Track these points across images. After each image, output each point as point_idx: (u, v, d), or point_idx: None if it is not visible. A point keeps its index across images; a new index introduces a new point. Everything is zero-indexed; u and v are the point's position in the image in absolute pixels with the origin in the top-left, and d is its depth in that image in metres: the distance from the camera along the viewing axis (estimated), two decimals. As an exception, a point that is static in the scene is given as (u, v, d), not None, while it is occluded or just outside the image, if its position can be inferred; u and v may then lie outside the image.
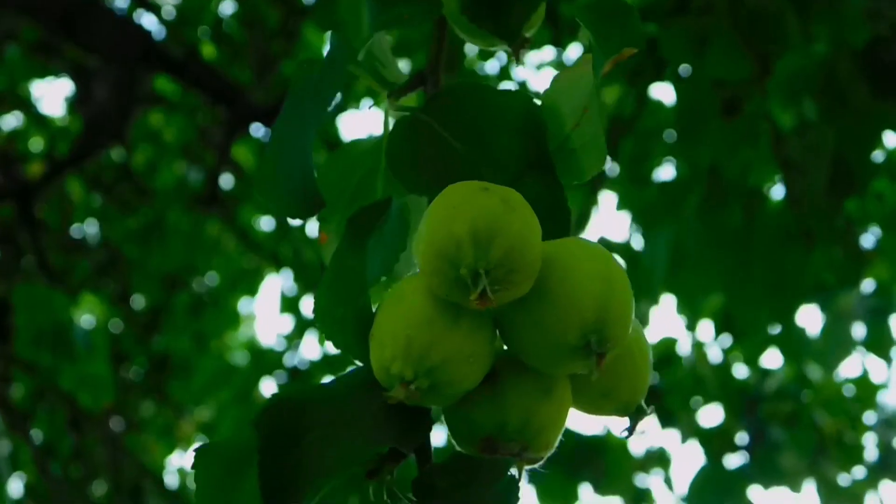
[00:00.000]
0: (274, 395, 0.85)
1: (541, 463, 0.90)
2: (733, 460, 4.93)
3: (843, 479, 4.91)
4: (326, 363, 5.76)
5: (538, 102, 0.97)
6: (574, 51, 4.31)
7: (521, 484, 0.87)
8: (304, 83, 0.96)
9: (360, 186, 1.05)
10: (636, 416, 0.93)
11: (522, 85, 5.20)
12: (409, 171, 0.95)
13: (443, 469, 0.88)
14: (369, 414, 0.86)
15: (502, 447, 0.87)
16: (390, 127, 1.00)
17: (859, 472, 4.96)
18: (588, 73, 0.94)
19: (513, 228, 0.82)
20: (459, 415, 0.89)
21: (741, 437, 4.96)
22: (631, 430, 0.93)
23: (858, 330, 4.59)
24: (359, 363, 0.90)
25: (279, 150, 0.96)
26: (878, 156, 3.67)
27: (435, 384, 0.84)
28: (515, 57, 1.01)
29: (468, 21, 0.98)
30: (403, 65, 5.49)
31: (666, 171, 4.51)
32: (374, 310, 0.89)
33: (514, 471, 0.88)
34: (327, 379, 0.93)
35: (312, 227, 6.13)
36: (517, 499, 0.86)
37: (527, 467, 0.89)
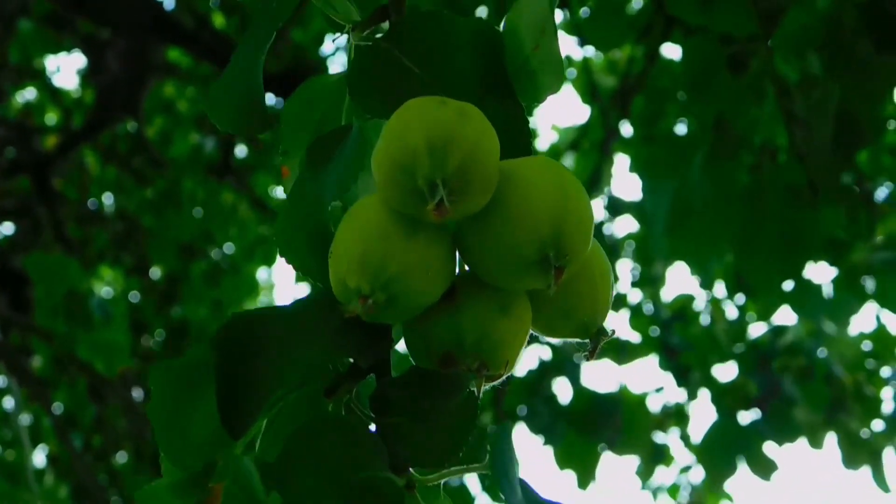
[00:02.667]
0: (232, 314, 0.85)
1: (501, 381, 0.91)
2: (748, 416, 4.94)
3: (863, 433, 4.91)
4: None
5: (499, 27, 0.98)
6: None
7: (478, 399, 0.88)
8: (262, 10, 0.98)
9: (323, 121, 1.05)
10: (597, 337, 0.92)
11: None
12: (371, 97, 0.95)
13: (400, 382, 0.88)
14: (328, 331, 0.86)
15: (460, 363, 0.88)
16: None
17: (878, 425, 4.96)
18: (545, -7, 0.96)
19: (468, 138, 0.83)
20: (418, 331, 0.90)
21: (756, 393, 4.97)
22: (591, 352, 0.92)
23: (871, 284, 4.57)
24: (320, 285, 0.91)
25: (231, 71, 0.98)
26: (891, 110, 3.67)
27: (391, 297, 0.84)
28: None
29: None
30: None
31: (679, 131, 4.51)
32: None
33: (473, 387, 0.88)
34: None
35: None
36: (475, 414, 0.88)
37: (486, 384, 0.89)
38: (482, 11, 4.10)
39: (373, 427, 0.89)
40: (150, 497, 0.91)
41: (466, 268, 0.92)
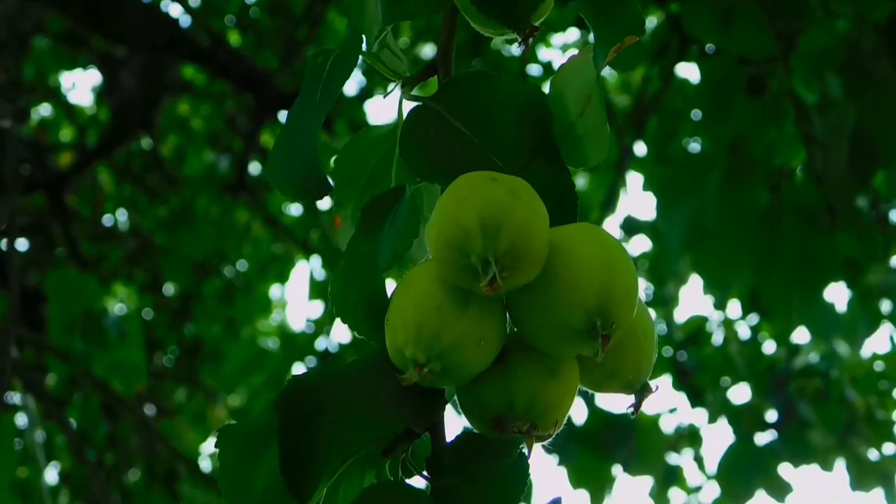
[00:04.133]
0: (293, 377, 0.88)
1: (549, 440, 0.93)
2: (763, 438, 4.93)
3: (873, 456, 4.90)
4: (356, 346, 5.77)
5: (545, 91, 0.99)
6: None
7: (529, 459, 0.90)
8: (316, 73, 0.99)
9: (375, 172, 1.07)
10: (641, 393, 0.95)
11: (547, 66, 5.21)
12: (421, 159, 0.97)
13: (454, 447, 0.91)
14: (384, 394, 0.89)
15: (511, 425, 0.90)
16: (404, 115, 1.02)
17: (889, 448, 4.95)
18: (591, 61, 0.96)
19: (519, 217, 0.85)
20: (470, 394, 0.92)
21: (771, 415, 4.96)
22: (636, 407, 0.96)
23: (887, 306, 4.57)
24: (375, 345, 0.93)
25: (289, 137, 1.00)
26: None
27: (446, 367, 0.87)
28: (524, 45, 1.02)
29: (477, 10, 1.00)
30: (429, 49, 5.52)
31: (692, 151, 4.51)
32: (388, 295, 0.92)
33: (524, 447, 0.91)
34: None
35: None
36: (526, 474, 0.89)
37: (536, 444, 0.92)
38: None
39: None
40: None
41: (515, 329, 0.94)
